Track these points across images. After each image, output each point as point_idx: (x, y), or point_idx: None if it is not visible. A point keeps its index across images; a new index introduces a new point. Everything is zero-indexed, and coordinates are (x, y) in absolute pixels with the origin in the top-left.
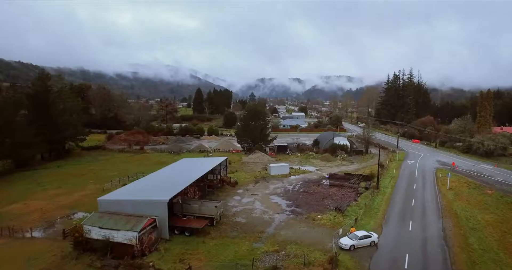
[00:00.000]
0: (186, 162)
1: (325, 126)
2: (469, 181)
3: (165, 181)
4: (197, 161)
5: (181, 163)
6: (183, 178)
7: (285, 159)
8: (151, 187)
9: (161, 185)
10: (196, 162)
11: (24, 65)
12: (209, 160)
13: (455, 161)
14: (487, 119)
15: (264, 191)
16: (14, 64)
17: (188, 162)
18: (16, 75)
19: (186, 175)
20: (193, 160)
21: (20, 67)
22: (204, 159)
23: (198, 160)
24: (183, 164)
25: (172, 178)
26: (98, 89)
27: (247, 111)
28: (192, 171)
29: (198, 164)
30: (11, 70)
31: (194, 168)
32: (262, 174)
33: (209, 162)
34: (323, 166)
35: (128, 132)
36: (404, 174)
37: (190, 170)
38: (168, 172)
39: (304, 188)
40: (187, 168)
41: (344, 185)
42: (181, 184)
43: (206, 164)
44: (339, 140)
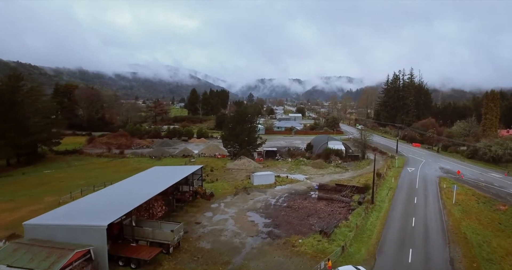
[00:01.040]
0: (155, 172)
1: (321, 128)
2: (478, 193)
3: (120, 196)
4: (168, 170)
5: (150, 172)
6: (143, 192)
7: (273, 166)
8: (98, 206)
9: (111, 203)
10: (167, 171)
11: (22, 65)
12: (182, 169)
13: (460, 168)
14: (493, 122)
15: (242, 206)
16: (12, 64)
17: (157, 171)
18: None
19: (149, 188)
20: (164, 168)
21: (19, 67)
22: (177, 167)
23: (170, 168)
24: (151, 174)
25: (131, 192)
26: (85, 89)
27: (233, 112)
28: (158, 183)
29: (168, 173)
30: (9, 70)
31: (161, 179)
32: (244, 184)
33: (181, 171)
34: (314, 174)
35: (110, 135)
36: (404, 185)
37: (156, 182)
38: (129, 184)
39: (288, 202)
40: (153, 179)
41: (334, 199)
42: (137, 200)
43: (177, 174)
44: (333, 144)
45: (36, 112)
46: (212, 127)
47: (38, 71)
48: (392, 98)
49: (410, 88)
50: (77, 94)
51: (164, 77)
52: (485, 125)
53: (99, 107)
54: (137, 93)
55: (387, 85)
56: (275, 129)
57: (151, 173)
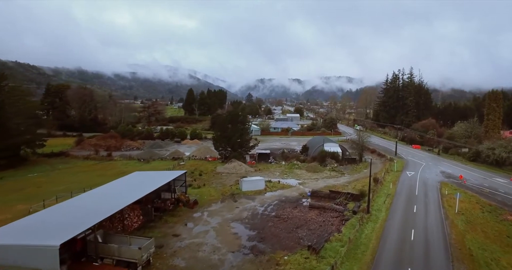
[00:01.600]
0: (136, 177)
1: (319, 129)
2: (482, 201)
3: (90, 206)
4: (150, 176)
5: (130, 178)
6: (117, 201)
7: (266, 169)
8: (62, 218)
9: (78, 214)
10: (148, 177)
11: (21, 65)
12: (164, 175)
13: (462, 172)
14: (495, 123)
15: (226, 215)
16: (11, 64)
17: (138, 177)
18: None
19: (125, 196)
20: (146, 174)
21: (17, 67)
22: (160, 173)
23: (152, 174)
24: (131, 179)
25: (104, 201)
26: (78, 89)
27: (225, 114)
28: (135, 190)
29: (149, 179)
30: (7, 70)
31: (141, 186)
32: (232, 190)
33: (163, 177)
34: (308, 179)
35: (100, 136)
36: (403, 191)
37: (134, 189)
38: (104, 192)
39: (277, 211)
40: (132, 186)
41: (326, 208)
42: (107, 211)
43: (158, 180)
44: (329, 146)
45: (18, 113)
46: (207, 128)
47: (36, 71)
48: (392, 98)
49: (409, 88)
50: (69, 94)
51: (164, 77)
52: (488, 126)
53: (91, 107)
54: (136, 93)
55: (386, 85)
56: (272, 130)
57: (131, 179)
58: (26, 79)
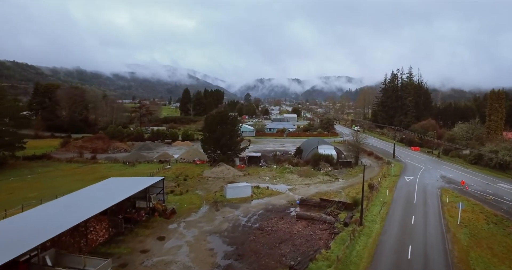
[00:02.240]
0: (108, 184)
1: (315, 130)
2: (486, 210)
3: (49, 218)
4: (125, 183)
5: (102, 185)
6: (81, 212)
7: (255, 173)
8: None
9: (27, 230)
10: (123, 184)
11: (19, 65)
12: (140, 182)
13: (464, 177)
14: (498, 124)
15: (204, 227)
16: (8, 64)
17: (112, 184)
18: (10, 75)
19: (92, 205)
20: (121, 180)
21: (15, 67)
22: (136, 179)
23: (128, 180)
24: (104, 187)
25: (65, 212)
26: (68, 89)
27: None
28: (105, 199)
29: (124, 187)
30: (5, 70)
31: (112, 194)
32: (216, 197)
33: (138, 184)
34: (299, 184)
35: (87, 138)
36: (400, 198)
37: (104, 198)
38: (70, 201)
39: (261, 222)
40: (102, 194)
41: (315, 219)
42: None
43: (133, 187)
44: (324, 149)
45: None
46: (200, 129)
47: (34, 70)
48: (390, 98)
49: (409, 88)
50: (59, 94)
51: (163, 77)
52: (490, 127)
53: (82, 107)
54: (135, 93)
55: (385, 85)
56: (267, 131)
57: (103, 186)
58: (24, 79)
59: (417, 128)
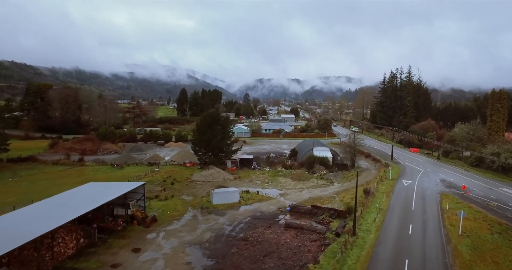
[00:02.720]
0: (86, 189)
1: (312, 131)
2: (490, 218)
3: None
4: (104, 188)
5: (79, 191)
6: (48, 222)
7: (247, 177)
8: None
9: None
10: (102, 190)
11: (17, 65)
12: (120, 187)
13: (465, 180)
14: (500, 124)
15: (185, 237)
16: (7, 64)
17: (90, 189)
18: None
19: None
20: (100, 185)
21: (13, 67)
22: (116, 184)
23: (107, 186)
24: (80, 193)
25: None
26: (61, 89)
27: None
28: (78, 207)
29: (102, 193)
30: (3, 70)
31: (87, 201)
32: (203, 203)
33: (118, 189)
34: (291, 189)
35: (76, 139)
36: (397, 205)
37: (78, 205)
38: (41, 209)
39: (247, 231)
40: (77, 201)
41: (304, 228)
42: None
43: (111, 193)
44: (319, 151)
45: None
46: None
47: (33, 71)
48: (389, 98)
49: (408, 88)
50: (51, 94)
51: (162, 77)
52: (491, 128)
53: (75, 108)
54: (134, 93)
55: (384, 84)
56: (263, 131)
57: (80, 192)
58: (23, 79)
59: (416, 129)
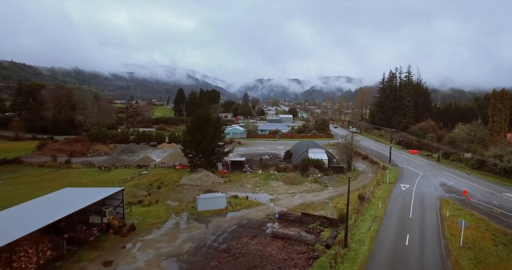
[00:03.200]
0: (61, 195)
1: (309, 131)
2: (493, 227)
3: None
4: (81, 194)
5: (52, 197)
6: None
7: (237, 180)
8: None
9: None
10: (78, 195)
11: (16, 65)
12: (98, 193)
13: (466, 184)
14: (502, 125)
15: (163, 248)
16: (6, 64)
17: (65, 194)
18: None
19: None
20: (77, 191)
21: (12, 67)
22: (94, 190)
23: (84, 191)
24: (53, 198)
25: None
26: (54, 88)
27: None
28: (48, 215)
29: (77, 199)
30: (2, 70)
31: (60, 208)
32: (188, 209)
33: (94, 196)
34: (283, 193)
35: (65, 140)
36: (394, 211)
37: (47, 213)
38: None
39: (230, 242)
40: (48, 208)
41: (292, 239)
42: None
43: (87, 199)
44: (314, 153)
45: None
46: None
47: (32, 71)
48: (388, 98)
49: (407, 87)
50: (44, 94)
51: (161, 77)
52: (493, 129)
53: (68, 108)
54: (134, 93)
55: (383, 84)
56: (259, 132)
57: (54, 198)
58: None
59: (415, 129)
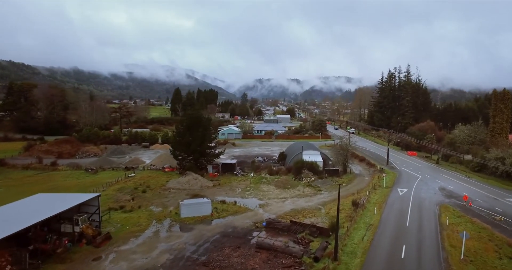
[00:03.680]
0: (32, 202)
1: (306, 132)
2: (497, 236)
3: None
4: (54, 200)
5: (23, 203)
6: None
7: (227, 183)
8: None
9: None
10: (50, 202)
11: (15, 64)
12: (72, 199)
13: (467, 188)
14: (503, 126)
15: (137, 261)
16: (4, 64)
17: (37, 201)
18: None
19: None
20: (50, 197)
21: (11, 66)
22: (69, 196)
23: (58, 197)
24: (24, 206)
25: None
26: (46, 88)
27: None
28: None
29: (48, 205)
30: (0, 69)
31: (25, 217)
32: (171, 215)
33: (68, 202)
34: (274, 198)
35: (53, 141)
36: (390, 219)
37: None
38: None
39: (211, 253)
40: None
41: (278, 251)
42: None
43: (59, 206)
44: (309, 155)
45: None
46: None
47: (31, 70)
48: (387, 98)
49: (406, 87)
50: (36, 93)
51: (161, 77)
52: (494, 130)
53: (60, 108)
54: (133, 93)
55: (381, 84)
56: (255, 133)
57: (23, 206)
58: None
59: (415, 130)
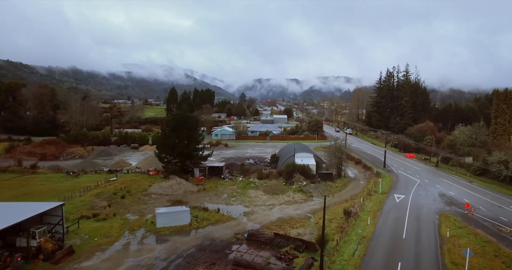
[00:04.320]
0: None
1: (302, 133)
2: (503, 251)
3: None
4: (11, 210)
5: None
6: None
7: (213, 188)
8: None
9: None
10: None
11: (13, 64)
12: (32, 209)
13: (468, 194)
14: (506, 128)
15: None
16: (2, 63)
17: None
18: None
19: None
20: (5, 206)
21: (8, 66)
22: (29, 205)
23: (12, 207)
24: None
25: None
26: (35, 87)
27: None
28: None
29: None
30: None
31: None
32: (147, 225)
33: (26, 212)
34: (261, 205)
35: (37, 142)
36: (384, 231)
37: None
38: None
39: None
40: None
41: (257, 268)
42: None
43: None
44: (301, 157)
45: None
46: None
47: (29, 70)
48: (385, 98)
49: (405, 87)
50: (25, 93)
51: (159, 77)
52: (496, 131)
53: (50, 108)
54: (132, 93)
55: (380, 84)
56: (249, 133)
57: None
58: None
59: (413, 131)
